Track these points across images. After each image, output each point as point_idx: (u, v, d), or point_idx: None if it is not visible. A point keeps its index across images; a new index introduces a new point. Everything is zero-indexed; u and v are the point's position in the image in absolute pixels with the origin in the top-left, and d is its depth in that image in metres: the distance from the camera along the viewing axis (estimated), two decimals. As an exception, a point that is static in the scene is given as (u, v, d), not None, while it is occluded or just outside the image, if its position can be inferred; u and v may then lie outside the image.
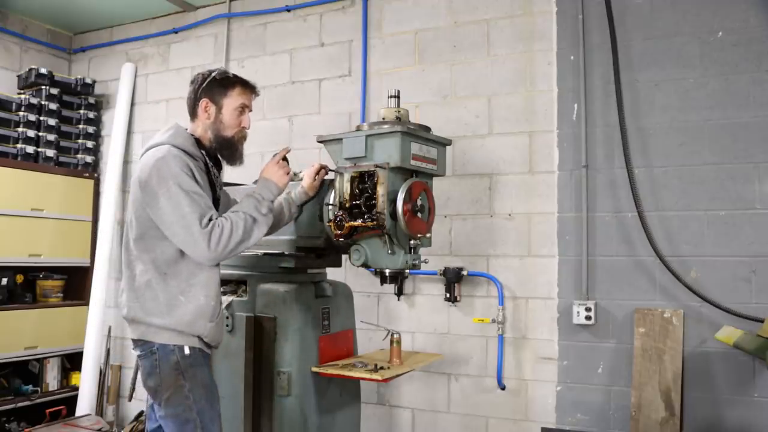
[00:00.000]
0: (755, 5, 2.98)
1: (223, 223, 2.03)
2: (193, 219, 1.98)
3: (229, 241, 2.02)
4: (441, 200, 3.29)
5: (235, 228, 2.03)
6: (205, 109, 2.20)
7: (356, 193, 2.40)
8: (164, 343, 2.06)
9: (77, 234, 4.53)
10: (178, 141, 2.12)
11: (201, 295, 2.09)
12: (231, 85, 2.22)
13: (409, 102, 3.38)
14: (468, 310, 3.49)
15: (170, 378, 2.06)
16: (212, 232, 1.99)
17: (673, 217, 3.08)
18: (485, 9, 3.56)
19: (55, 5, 4.55)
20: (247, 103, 2.26)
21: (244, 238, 2.05)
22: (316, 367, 2.54)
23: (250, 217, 2.08)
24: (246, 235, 2.06)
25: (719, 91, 3.03)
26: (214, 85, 2.20)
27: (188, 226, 1.98)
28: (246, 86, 2.26)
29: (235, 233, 2.03)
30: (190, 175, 2.05)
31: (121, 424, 4.42)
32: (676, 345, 2.99)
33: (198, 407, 2.06)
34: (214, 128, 2.21)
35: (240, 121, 2.24)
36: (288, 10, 4.14)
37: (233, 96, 2.22)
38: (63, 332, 4.37)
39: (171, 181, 2.00)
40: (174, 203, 1.99)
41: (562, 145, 3.33)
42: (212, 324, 2.12)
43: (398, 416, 3.66)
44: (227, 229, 2.02)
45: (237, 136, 2.24)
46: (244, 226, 2.05)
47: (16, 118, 4.33)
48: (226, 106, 2.21)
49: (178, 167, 2.03)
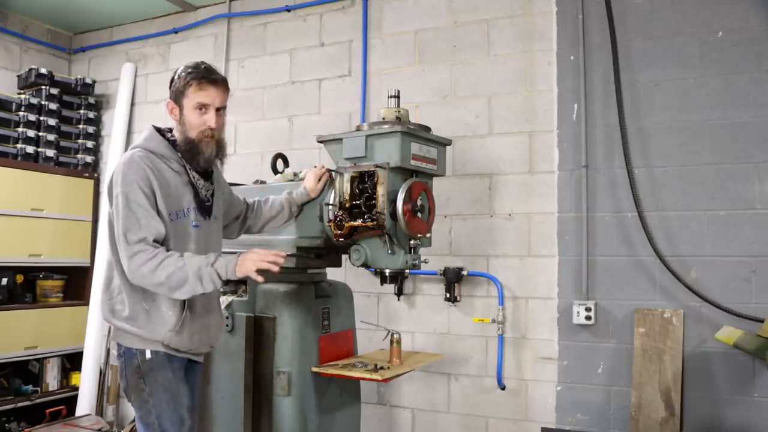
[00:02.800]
0: (755, 5, 2.98)
1: (156, 255, 1.93)
2: (122, 231, 1.96)
3: (149, 274, 1.92)
4: (441, 200, 3.29)
5: (161, 268, 1.92)
6: (171, 111, 2.16)
7: (356, 193, 2.40)
8: (128, 346, 2.08)
9: (77, 234, 4.53)
10: (150, 144, 2.11)
11: (163, 307, 2.05)
12: (187, 83, 2.10)
13: (409, 102, 3.37)
14: (468, 310, 3.49)
15: (133, 381, 2.07)
16: (138, 254, 1.93)
17: (673, 217, 3.08)
18: (485, 9, 3.56)
19: (55, 5, 4.55)
20: (207, 101, 2.10)
21: (163, 284, 1.93)
22: (316, 367, 2.54)
23: (184, 275, 1.93)
24: (166, 284, 1.93)
25: (719, 91, 3.03)
26: (178, 84, 2.13)
27: (119, 236, 1.98)
28: (202, 82, 2.09)
29: (158, 274, 1.92)
30: (143, 187, 1.99)
31: (121, 424, 4.42)
32: (676, 345, 2.99)
33: (157, 411, 2.04)
34: (181, 130, 2.15)
35: (203, 120, 2.11)
36: (288, 10, 4.14)
37: (189, 95, 2.10)
38: (63, 332, 4.37)
39: (120, 188, 2.00)
40: (117, 212, 2.00)
41: (562, 145, 3.33)
42: (172, 333, 2.06)
43: (398, 416, 3.66)
44: (154, 263, 1.92)
45: (199, 137, 2.11)
46: (169, 275, 1.92)
47: (16, 118, 4.33)
48: (185, 106, 2.11)
49: (133, 176, 2.00)
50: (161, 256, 1.94)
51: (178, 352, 2.11)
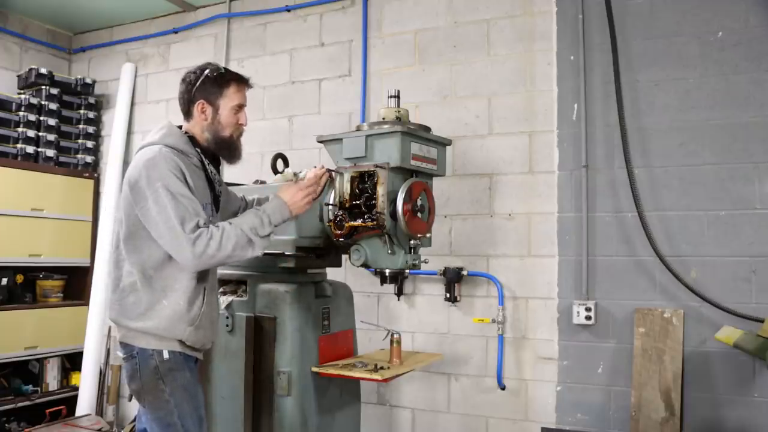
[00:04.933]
0: (755, 5, 2.98)
1: (213, 233, 1.97)
2: (177, 222, 1.93)
3: (216, 252, 1.96)
4: (441, 200, 3.29)
5: (225, 240, 1.97)
6: (202, 111, 2.15)
7: (356, 193, 2.40)
8: (143, 347, 2.04)
9: (77, 234, 4.53)
10: (170, 140, 2.09)
11: (181, 301, 2.05)
12: (226, 83, 2.16)
13: (409, 102, 3.38)
14: (468, 310, 3.49)
15: (150, 382, 2.04)
16: (199, 239, 1.94)
17: (673, 217, 3.08)
18: (485, 9, 3.56)
19: (55, 5, 4.55)
20: (243, 101, 2.21)
21: (231, 254, 1.99)
22: (316, 367, 2.54)
23: (246, 236, 2.01)
24: (234, 251, 1.99)
25: (719, 91, 3.03)
26: (209, 85, 2.14)
27: (173, 228, 1.94)
28: (240, 82, 2.20)
29: (224, 246, 1.97)
30: (180, 178, 2.00)
31: (121, 424, 4.42)
32: (676, 345, 2.99)
33: (179, 411, 2.04)
34: (212, 129, 2.17)
35: (237, 119, 2.19)
36: (288, 10, 4.14)
37: (229, 95, 2.16)
38: (63, 332, 4.37)
39: (159, 182, 1.96)
40: (161, 205, 1.95)
41: (562, 145, 3.33)
42: (192, 328, 2.07)
43: (398, 416, 3.66)
44: (216, 239, 1.96)
45: (235, 135, 2.20)
46: (235, 243, 1.99)
47: (16, 118, 4.33)
48: (222, 106, 2.15)
49: (167, 168, 1.99)
50: (217, 232, 1.97)
51: (193, 351, 2.12)
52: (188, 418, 2.06)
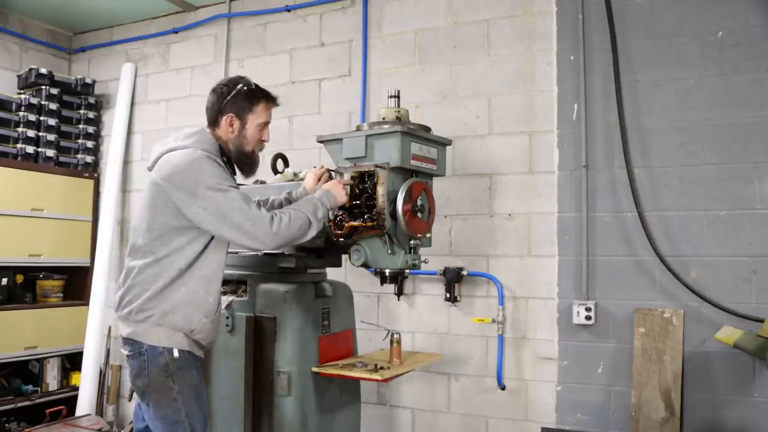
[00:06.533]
0: (755, 5, 2.98)
1: (281, 215, 2.10)
2: (250, 205, 2.05)
3: (287, 230, 2.09)
4: (441, 200, 3.29)
5: (293, 221, 2.11)
6: (230, 123, 2.21)
7: (356, 193, 2.40)
8: (153, 344, 2.05)
9: (77, 234, 4.53)
10: (205, 146, 2.13)
11: (201, 290, 2.09)
12: (257, 100, 2.24)
13: (409, 102, 3.38)
14: (468, 310, 3.49)
15: (159, 380, 2.05)
16: (274, 218, 2.07)
17: (673, 217, 3.08)
18: (485, 9, 3.56)
19: (55, 5, 4.55)
20: (269, 119, 2.31)
21: (297, 234, 2.13)
22: (316, 367, 2.54)
23: (307, 219, 2.15)
24: (300, 232, 2.14)
25: (719, 91, 3.03)
26: (240, 99, 2.21)
27: (246, 213, 2.02)
28: (269, 101, 2.29)
29: (293, 226, 2.11)
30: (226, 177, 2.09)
31: (121, 424, 4.42)
32: (676, 345, 2.99)
33: (187, 409, 2.05)
34: (237, 142, 2.23)
35: (261, 135, 2.28)
36: (288, 10, 4.14)
37: (258, 112, 2.25)
38: (63, 332, 4.37)
39: (213, 180, 2.03)
40: (224, 197, 2.01)
41: (562, 145, 3.33)
42: (208, 320, 2.12)
43: (398, 416, 3.66)
44: (286, 219, 2.09)
45: (258, 150, 2.30)
46: (301, 223, 2.13)
47: (16, 118, 4.33)
48: (250, 121, 2.24)
49: (213, 170, 2.06)
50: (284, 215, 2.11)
51: (200, 349, 2.15)
52: (195, 417, 2.07)
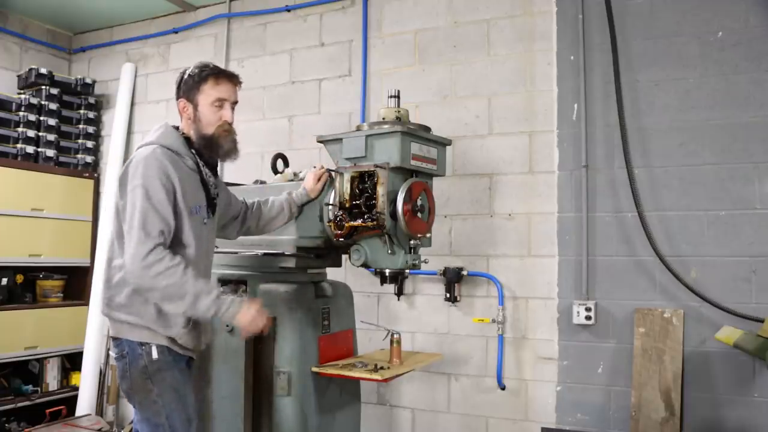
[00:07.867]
0: (755, 5, 2.98)
1: (177, 265, 1.93)
2: (138, 225, 1.93)
3: (157, 278, 1.91)
4: (441, 200, 3.29)
5: (171, 272, 1.92)
6: (184, 110, 2.17)
7: (356, 193, 2.40)
8: (134, 341, 2.04)
9: (77, 234, 4.53)
10: (167, 141, 2.10)
11: None
12: (202, 80, 2.13)
13: (409, 102, 3.37)
14: (468, 310, 3.49)
15: (138, 382, 2.05)
16: (152, 252, 1.91)
17: (673, 217, 3.08)
18: (485, 9, 3.56)
19: (55, 5, 4.55)
20: (224, 96, 2.16)
21: (164, 295, 1.95)
22: (316, 367, 2.54)
23: (184, 289, 1.94)
24: (166, 291, 1.93)
25: (719, 91, 3.03)
26: (188, 83, 2.15)
27: (133, 228, 1.94)
28: (219, 77, 2.15)
29: (168, 280, 1.91)
30: (165, 184, 1.99)
31: (121, 424, 4.42)
32: (676, 345, 2.99)
33: (167, 411, 2.04)
34: (195, 128, 2.16)
35: (219, 115, 2.15)
36: (288, 10, 4.14)
37: (206, 91, 2.13)
38: (63, 332, 4.37)
39: (141, 182, 1.97)
40: (132, 204, 1.97)
41: (562, 145, 3.32)
42: (185, 330, 2.07)
43: (398, 416, 3.66)
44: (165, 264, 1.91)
45: (218, 132, 2.16)
46: (173, 283, 1.92)
47: (16, 118, 4.33)
48: (201, 102, 2.14)
49: (154, 172, 1.99)
50: (172, 261, 1.94)
51: (184, 350, 2.12)
52: (176, 418, 2.05)
